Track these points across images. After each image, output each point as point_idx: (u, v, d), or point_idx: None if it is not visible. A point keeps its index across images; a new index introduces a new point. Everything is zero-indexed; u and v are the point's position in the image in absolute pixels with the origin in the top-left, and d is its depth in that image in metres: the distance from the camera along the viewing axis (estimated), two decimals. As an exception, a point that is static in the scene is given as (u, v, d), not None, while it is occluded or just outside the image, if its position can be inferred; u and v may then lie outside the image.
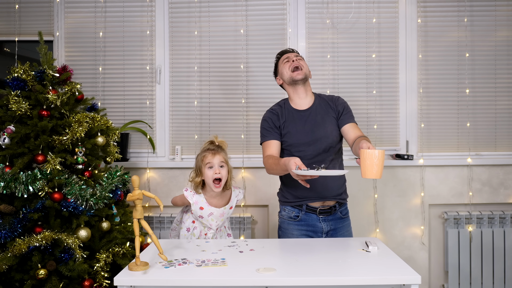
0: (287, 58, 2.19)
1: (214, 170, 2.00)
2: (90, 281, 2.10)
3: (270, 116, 2.16)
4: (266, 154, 2.10)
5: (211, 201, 2.09)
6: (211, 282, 1.43)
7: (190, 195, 2.08)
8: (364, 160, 1.57)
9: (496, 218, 2.95)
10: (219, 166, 2.02)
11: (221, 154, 2.04)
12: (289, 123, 2.13)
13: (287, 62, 2.18)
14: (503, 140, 3.09)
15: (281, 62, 2.22)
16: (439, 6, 3.07)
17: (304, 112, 2.16)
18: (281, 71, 2.21)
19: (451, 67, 3.08)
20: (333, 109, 2.19)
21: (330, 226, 2.12)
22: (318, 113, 2.15)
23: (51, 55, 2.36)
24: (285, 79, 2.19)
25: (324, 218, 2.11)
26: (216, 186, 2.02)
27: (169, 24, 3.12)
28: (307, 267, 1.52)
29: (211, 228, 2.11)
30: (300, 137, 2.10)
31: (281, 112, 2.16)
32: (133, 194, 1.55)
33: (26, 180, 2.10)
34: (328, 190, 2.10)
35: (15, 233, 2.05)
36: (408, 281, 1.42)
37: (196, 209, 2.07)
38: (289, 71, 2.15)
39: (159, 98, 3.13)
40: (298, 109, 2.17)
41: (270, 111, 2.19)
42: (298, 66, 2.14)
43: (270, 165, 2.02)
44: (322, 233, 2.11)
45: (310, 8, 3.09)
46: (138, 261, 1.53)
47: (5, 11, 3.15)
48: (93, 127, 2.38)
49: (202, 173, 2.03)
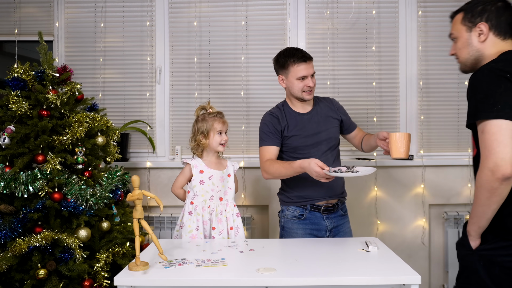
0: (304, 77, 2.06)
1: (223, 136, 2.15)
2: (90, 281, 2.11)
3: (270, 120, 2.14)
4: (265, 158, 2.10)
5: (210, 165, 2.16)
6: (211, 282, 1.43)
7: (190, 159, 2.16)
8: (395, 142, 1.80)
9: (496, 218, 2.95)
10: (225, 132, 2.19)
11: (226, 122, 2.19)
12: (292, 127, 2.13)
13: (301, 81, 2.07)
14: (503, 140, 3.08)
15: (295, 75, 2.07)
16: (439, 6, 3.07)
17: (306, 115, 2.17)
18: (291, 84, 2.10)
19: (451, 67, 3.07)
20: (334, 111, 2.22)
21: (333, 224, 2.15)
22: (320, 115, 2.18)
23: (51, 55, 2.36)
24: (293, 93, 2.12)
25: (327, 216, 2.14)
26: (223, 148, 2.17)
27: (169, 24, 3.12)
28: (307, 267, 1.52)
29: (212, 197, 2.10)
30: (304, 140, 2.12)
31: (281, 115, 2.15)
32: (133, 194, 1.55)
33: (26, 180, 2.10)
34: (333, 189, 2.15)
35: (15, 233, 2.05)
36: (408, 281, 1.42)
37: (196, 173, 2.11)
38: (301, 91, 2.09)
39: (159, 98, 3.13)
40: (300, 112, 2.17)
41: (270, 114, 2.16)
42: (311, 87, 2.08)
43: (277, 169, 2.02)
44: (326, 230, 2.13)
45: (310, 8, 3.09)
46: (138, 261, 1.53)
47: (5, 11, 3.14)
48: (93, 127, 2.38)
49: (209, 137, 2.13)
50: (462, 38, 1.54)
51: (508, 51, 1.47)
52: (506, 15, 1.48)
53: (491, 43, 1.48)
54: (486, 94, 1.31)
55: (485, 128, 1.29)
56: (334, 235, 2.16)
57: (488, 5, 1.49)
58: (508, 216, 1.34)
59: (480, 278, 1.37)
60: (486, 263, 1.37)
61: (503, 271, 1.35)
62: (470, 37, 1.51)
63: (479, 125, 1.33)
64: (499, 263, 1.35)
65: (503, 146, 1.25)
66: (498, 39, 1.48)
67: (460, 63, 1.58)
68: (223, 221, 2.10)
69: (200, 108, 2.20)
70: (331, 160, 2.15)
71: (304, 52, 2.10)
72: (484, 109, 1.30)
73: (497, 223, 1.36)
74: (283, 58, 2.10)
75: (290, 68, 2.08)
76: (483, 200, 1.32)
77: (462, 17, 1.54)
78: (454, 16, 1.59)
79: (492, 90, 1.31)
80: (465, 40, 1.53)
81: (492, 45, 1.48)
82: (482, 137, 1.31)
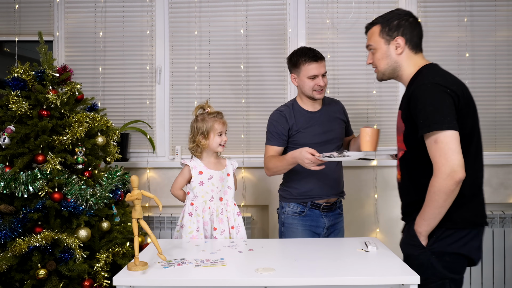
0: (314, 76, 2.10)
1: (222, 137, 2.14)
2: (90, 281, 2.11)
3: (277, 119, 2.16)
4: (268, 155, 2.18)
5: (209, 165, 2.14)
6: (210, 282, 1.43)
7: (189, 160, 2.14)
8: (365, 136, 1.89)
9: (496, 218, 2.95)
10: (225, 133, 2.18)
11: (226, 123, 2.18)
12: (301, 124, 2.16)
13: (312, 80, 2.10)
14: (503, 140, 3.09)
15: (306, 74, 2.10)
16: (439, 6, 3.07)
17: (315, 113, 2.20)
18: (303, 82, 2.13)
19: (451, 67, 3.07)
20: (341, 113, 2.29)
21: (330, 222, 2.21)
22: (329, 115, 2.22)
23: (51, 55, 2.37)
24: (304, 91, 2.15)
25: (326, 214, 2.20)
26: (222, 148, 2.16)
27: (169, 24, 3.12)
28: (306, 267, 1.52)
29: (212, 198, 2.10)
30: (313, 138, 2.15)
31: (289, 113, 2.17)
32: (132, 194, 1.56)
33: (26, 180, 2.11)
34: (334, 188, 2.20)
35: (15, 233, 2.05)
36: (407, 281, 1.42)
37: (196, 174, 2.10)
38: (311, 90, 2.12)
39: (159, 98, 3.13)
40: (310, 110, 2.20)
41: (278, 112, 2.19)
42: (322, 86, 2.12)
43: (274, 163, 2.09)
44: (323, 228, 2.19)
45: (310, 8, 3.09)
46: (137, 261, 1.53)
47: (5, 11, 3.15)
48: (93, 127, 2.38)
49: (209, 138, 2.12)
50: (381, 50, 1.68)
51: (431, 64, 1.66)
52: (417, 30, 1.66)
53: (406, 56, 1.65)
54: (435, 107, 1.47)
55: (439, 138, 1.45)
56: (330, 233, 2.23)
57: (402, 20, 1.65)
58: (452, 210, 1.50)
59: (435, 269, 1.53)
60: (438, 255, 1.54)
61: (452, 257, 1.54)
62: (389, 50, 1.67)
63: (432, 136, 1.47)
64: (448, 251, 1.53)
65: (456, 154, 1.43)
66: (411, 52, 1.66)
67: (378, 72, 1.73)
68: (224, 220, 2.10)
69: (198, 108, 2.17)
70: (334, 163, 2.19)
71: (316, 51, 2.13)
72: (436, 121, 1.45)
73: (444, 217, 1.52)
74: (296, 57, 2.14)
75: (302, 67, 2.11)
76: (440, 202, 1.46)
77: (380, 30, 1.68)
78: (370, 27, 1.74)
79: (440, 103, 1.47)
80: (384, 52, 1.68)
81: (407, 58, 1.66)
82: (435, 146, 1.46)
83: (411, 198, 1.65)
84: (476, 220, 1.57)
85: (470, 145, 1.54)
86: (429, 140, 1.48)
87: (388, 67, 1.68)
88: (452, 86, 1.51)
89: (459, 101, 1.50)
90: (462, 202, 1.51)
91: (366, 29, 1.76)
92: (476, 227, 1.58)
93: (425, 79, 1.55)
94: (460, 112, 1.50)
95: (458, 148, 1.44)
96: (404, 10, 1.70)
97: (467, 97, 1.56)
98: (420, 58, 1.67)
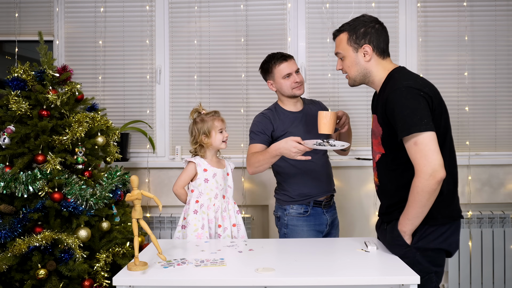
0: (288, 74, 2.16)
1: (224, 133, 2.17)
2: (90, 281, 2.11)
3: (260, 120, 2.20)
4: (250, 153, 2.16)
5: (212, 163, 2.17)
6: (209, 282, 1.43)
7: (193, 158, 2.16)
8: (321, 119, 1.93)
9: (496, 218, 2.95)
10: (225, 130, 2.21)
11: (224, 120, 2.21)
12: (286, 125, 2.18)
13: (288, 79, 2.16)
14: (503, 140, 3.09)
15: (280, 75, 2.16)
16: (439, 6, 3.07)
17: (298, 113, 2.24)
18: (280, 84, 2.18)
19: (451, 67, 3.08)
20: None
21: (331, 218, 2.25)
22: (311, 115, 2.22)
23: (51, 55, 2.37)
24: (283, 92, 2.20)
25: (326, 210, 2.24)
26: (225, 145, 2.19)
27: (169, 24, 3.12)
28: (306, 267, 1.52)
29: (217, 195, 2.12)
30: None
31: (273, 115, 2.20)
32: (132, 194, 1.55)
33: (26, 180, 2.11)
34: (329, 183, 2.27)
35: (15, 233, 2.05)
36: (407, 281, 1.42)
37: (201, 171, 2.12)
38: (290, 88, 2.16)
39: (159, 98, 3.13)
40: (292, 110, 2.24)
41: (262, 115, 2.23)
42: (299, 82, 2.17)
43: (256, 158, 2.06)
44: (326, 225, 2.24)
45: (310, 8, 3.09)
46: (137, 261, 1.53)
47: (5, 11, 3.15)
48: (93, 127, 2.38)
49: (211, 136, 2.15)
50: (350, 58, 1.71)
51: (400, 67, 1.70)
52: (383, 36, 1.70)
53: (375, 62, 1.69)
54: (412, 110, 1.50)
55: (418, 140, 1.49)
56: (331, 228, 2.27)
57: (369, 27, 1.68)
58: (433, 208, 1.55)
59: (422, 265, 1.58)
60: (422, 252, 1.60)
61: (434, 252, 1.61)
62: (357, 57, 1.70)
63: (412, 138, 1.50)
64: (430, 247, 1.60)
65: (436, 154, 1.47)
66: (379, 58, 1.69)
67: (349, 78, 1.76)
68: (227, 218, 2.14)
69: (194, 111, 2.21)
70: (323, 159, 2.25)
71: (283, 52, 2.23)
72: (414, 123, 1.49)
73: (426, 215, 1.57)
74: (266, 64, 2.22)
75: (274, 70, 2.18)
76: (423, 202, 1.50)
77: (347, 38, 1.71)
78: (338, 35, 1.76)
79: (416, 106, 1.51)
80: (353, 60, 1.71)
81: (376, 64, 1.69)
82: (415, 148, 1.50)
83: (392, 199, 1.69)
84: (454, 215, 1.64)
85: (444, 143, 1.59)
86: (408, 142, 1.52)
87: (359, 73, 1.72)
88: (424, 88, 1.55)
89: (432, 102, 1.55)
90: (441, 199, 1.56)
91: (334, 36, 1.78)
92: (455, 222, 1.65)
93: (398, 83, 1.58)
94: (434, 112, 1.55)
95: (437, 148, 1.48)
96: (371, 17, 1.72)
97: (438, 97, 1.61)
98: (389, 63, 1.71)
